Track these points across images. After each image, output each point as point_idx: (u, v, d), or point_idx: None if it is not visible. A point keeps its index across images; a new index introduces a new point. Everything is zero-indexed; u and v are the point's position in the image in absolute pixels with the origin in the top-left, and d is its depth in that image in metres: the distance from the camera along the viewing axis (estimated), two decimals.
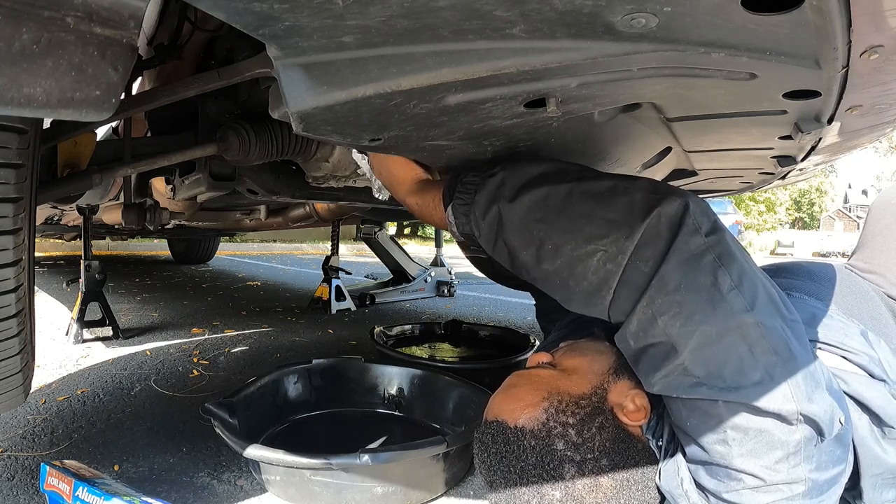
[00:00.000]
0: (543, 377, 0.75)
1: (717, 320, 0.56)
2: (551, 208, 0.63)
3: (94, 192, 1.52)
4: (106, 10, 0.38)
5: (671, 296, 0.57)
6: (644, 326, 0.59)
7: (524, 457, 0.67)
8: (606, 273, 0.60)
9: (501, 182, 0.68)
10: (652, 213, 0.58)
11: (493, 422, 0.71)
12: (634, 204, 0.60)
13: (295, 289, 3.88)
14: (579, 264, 0.61)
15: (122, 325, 2.21)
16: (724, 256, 0.58)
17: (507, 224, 0.66)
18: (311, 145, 1.12)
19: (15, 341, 0.70)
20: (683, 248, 0.57)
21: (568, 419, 0.69)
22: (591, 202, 0.62)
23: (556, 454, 0.67)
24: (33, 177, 0.64)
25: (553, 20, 0.41)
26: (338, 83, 0.50)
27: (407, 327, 2.15)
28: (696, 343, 0.56)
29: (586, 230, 0.61)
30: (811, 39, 0.42)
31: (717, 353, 0.55)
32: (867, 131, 0.78)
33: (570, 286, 0.63)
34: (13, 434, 1.19)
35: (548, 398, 0.71)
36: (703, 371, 0.56)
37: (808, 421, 0.56)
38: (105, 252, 6.12)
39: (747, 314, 0.56)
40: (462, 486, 1.03)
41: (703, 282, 0.56)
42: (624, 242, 0.59)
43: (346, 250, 7.91)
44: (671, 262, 0.57)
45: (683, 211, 0.59)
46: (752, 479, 0.58)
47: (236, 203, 2.02)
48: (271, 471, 0.94)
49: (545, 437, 0.67)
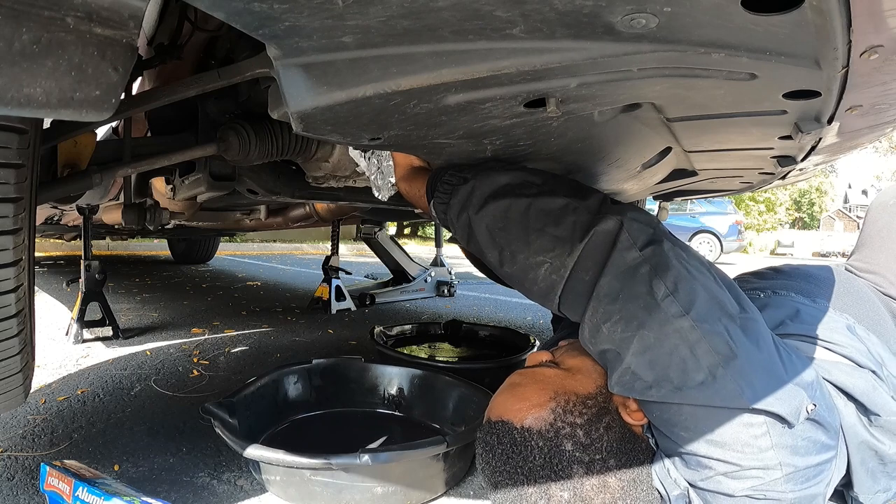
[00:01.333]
0: (549, 376, 0.75)
1: (653, 325, 0.61)
2: (511, 220, 0.71)
3: (94, 192, 1.52)
4: (106, 10, 0.38)
5: (611, 305, 0.63)
6: (593, 333, 0.66)
7: (531, 457, 0.67)
8: (552, 282, 0.68)
9: (472, 190, 0.76)
10: (589, 233, 0.66)
11: (499, 422, 0.70)
12: (577, 223, 0.68)
13: (295, 289, 3.88)
14: (531, 271, 0.70)
15: (122, 325, 2.21)
16: (660, 267, 0.63)
17: (475, 229, 0.75)
18: (311, 145, 1.12)
19: (15, 341, 0.70)
20: (619, 262, 0.64)
21: (576, 419, 0.69)
22: (543, 218, 0.70)
23: (565, 455, 0.66)
24: (33, 177, 0.64)
25: (553, 20, 0.41)
26: (338, 83, 0.50)
27: (407, 327, 2.15)
28: (637, 348, 0.61)
29: (537, 243, 0.69)
30: (811, 39, 0.42)
31: (660, 357, 0.60)
32: (867, 131, 0.77)
33: (526, 287, 0.73)
34: (13, 434, 1.19)
35: (554, 398, 0.70)
36: (650, 374, 0.61)
37: (763, 412, 0.58)
38: (105, 252, 6.11)
39: (682, 318, 0.60)
40: (462, 486, 1.03)
41: (639, 290, 0.62)
42: (566, 258, 0.67)
43: (346, 250, 7.91)
44: (608, 275, 0.64)
45: (618, 229, 0.66)
46: (722, 464, 0.60)
47: (236, 203, 2.02)
48: (271, 471, 0.94)
49: (553, 438, 0.67)
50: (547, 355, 0.82)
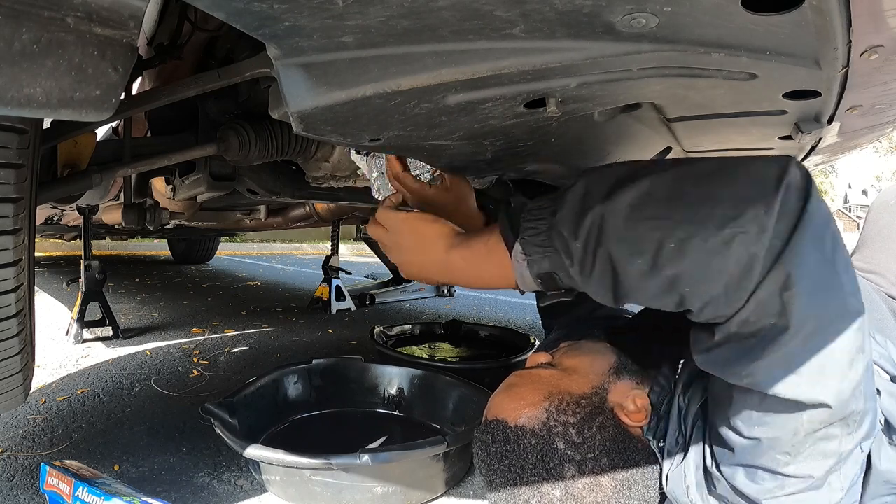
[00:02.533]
0: (544, 377, 0.75)
1: (833, 305, 0.49)
2: (660, 201, 0.52)
3: (94, 192, 1.52)
4: (106, 10, 0.38)
5: (799, 270, 0.48)
6: (762, 308, 0.50)
7: (524, 456, 0.67)
8: (751, 258, 0.49)
9: (586, 189, 0.56)
10: (782, 183, 0.49)
11: (494, 421, 0.71)
12: (759, 176, 0.51)
13: (295, 289, 3.88)
14: (717, 254, 0.50)
15: (122, 325, 2.21)
16: (837, 229, 0.52)
17: (610, 230, 0.53)
18: (311, 145, 1.12)
19: (15, 341, 0.70)
20: (812, 220, 0.49)
21: (569, 418, 0.69)
22: (707, 183, 0.52)
23: (557, 453, 0.67)
24: (33, 177, 0.64)
25: (553, 20, 0.41)
26: (338, 83, 0.49)
27: (407, 327, 2.15)
28: (811, 328, 0.49)
29: (715, 214, 0.50)
30: (811, 39, 0.42)
31: (826, 341, 0.49)
32: (867, 131, 0.78)
33: (707, 282, 0.51)
34: (13, 434, 1.19)
35: (548, 397, 0.71)
36: (808, 366, 0.49)
37: (865, 420, 0.54)
38: (105, 252, 6.11)
39: (855, 299, 0.50)
40: (462, 486, 1.03)
41: (825, 256, 0.50)
42: (765, 218, 0.49)
43: (346, 250, 7.90)
44: (803, 235, 0.49)
45: (807, 180, 0.51)
46: (798, 481, 0.55)
47: (236, 203, 2.02)
48: (271, 471, 0.94)
49: (546, 436, 0.67)
50: (546, 356, 0.82)
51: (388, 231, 0.73)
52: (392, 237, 0.73)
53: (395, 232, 0.73)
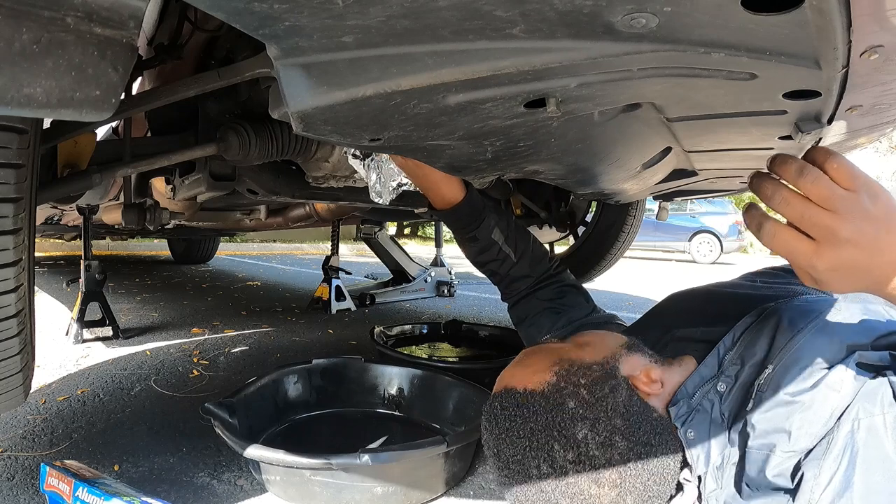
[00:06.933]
0: (553, 347, 0.75)
1: None
2: None
3: (94, 192, 1.52)
4: (106, 10, 0.38)
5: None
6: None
7: (533, 418, 0.65)
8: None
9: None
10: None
11: (502, 391, 0.70)
12: None
13: (295, 289, 3.88)
14: None
15: (122, 325, 2.21)
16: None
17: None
18: (311, 145, 1.12)
19: (15, 341, 0.70)
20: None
21: (580, 380, 0.67)
22: None
23: (568, 412, 0.65)
24: (33, 177, 0.64)
25: (553, 20, 0.41)
26: (338, 83, 0.49)
27: (407, 327, 2.15)
28: None
29: None
30: (811, 39, 0.42)
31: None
32: (867, 131, 0.77)
33: None
34: (13, 434, 1.19)
35: (558, 363, 0.70)
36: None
37: None
38: (105, 252, 6.11)
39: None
40: (462, 486, 1.03)
41: None
42: None
43: (346, 250, 7.90)
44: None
45: None
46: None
47: (236, 203, 2.02)
48: (271, 471, 0.94)
49: (556, 396, 0.66)
50: (555, 339, 0.82)
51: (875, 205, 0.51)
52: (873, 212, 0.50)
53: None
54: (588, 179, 1.03)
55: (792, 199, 0.52)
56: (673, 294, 1.01)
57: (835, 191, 0.50)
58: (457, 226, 1.09)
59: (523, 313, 1.13)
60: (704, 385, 0.71)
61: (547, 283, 1.12)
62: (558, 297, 1.10)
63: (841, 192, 0.50)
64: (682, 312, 0.90)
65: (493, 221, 1.07)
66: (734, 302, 0.84)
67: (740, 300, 0.84)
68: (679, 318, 0.88)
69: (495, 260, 1.11)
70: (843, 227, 0.49)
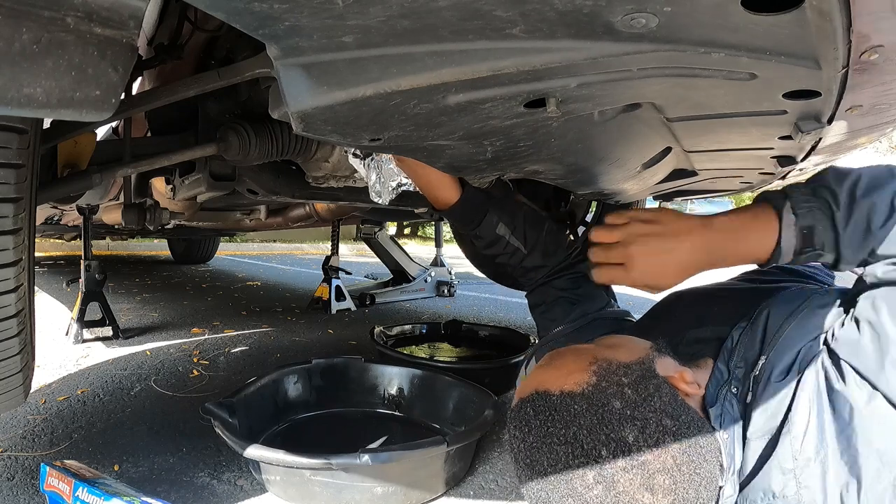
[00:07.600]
0: (585, 348, 0.70)
1: None
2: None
3: (94, 192, 1.52)
4: (106, 10, 0.38)
5: None
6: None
7: (576, 421, 0.59)
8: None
9: (857, 178, 0.64)
10: None
11: (533, 394, 0.63)
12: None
13: (295, 289, 3.88)
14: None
15: (122, 325, 2.21)
16: None
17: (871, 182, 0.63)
18: (311, 145, 1.11)
19: (15, 341, 0.70)
20: None
21: (622, 379, 0.62)
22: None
23: (615, 414, 0.59)
24: (33, 177, 0.64)
25: (553, 20, 0.41)
26: (338, 83, 0.49)
27: (407, 327, 2.15)
28: None
29: None
30: (811, 39, 0.42)
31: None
32: (867, 131, 0.77)
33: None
34: (13, 434, 1.19)
35: (595, 362, 0.64)
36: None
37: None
38: (105, 252, 6.11)
39: None
40: (462, 486, 1.03)
41: None
42: None
43: (346, 250, 7.90)
44: None
45: None
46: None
47: (236, 203, 2.02)
48: (271, 471, 0.94)
49: (599, 396, 0.60)
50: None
51: (644, 224, 0.75)
52: (645, 229, 0.75)
53: (652, 222, 0.76)
54: (588, 179, 1.03)
55: (595, 249, 0.78)
56: (673, 294, 1.01)
57: (612, 229, 0.76)
58: (458, 224, 1.09)
59: (539, 300, 1.12)
60: (722, 388, 0.70)
61: (564, 273, 1.12)
62: (574, 288, 1.09)
63: (617, 228, 0.76)
64: (687, 313, 0.90)
65: (496, 217, 1.07)
66: (736, 301, 0.84)
67: (742, 298, 0.84)
68: (686, 320, 0.88)
69: (504, 253, 1.11)
70: (628, 244, 0.74)
